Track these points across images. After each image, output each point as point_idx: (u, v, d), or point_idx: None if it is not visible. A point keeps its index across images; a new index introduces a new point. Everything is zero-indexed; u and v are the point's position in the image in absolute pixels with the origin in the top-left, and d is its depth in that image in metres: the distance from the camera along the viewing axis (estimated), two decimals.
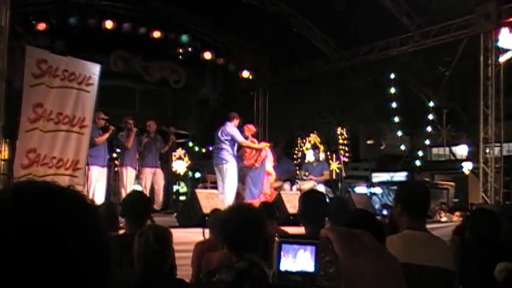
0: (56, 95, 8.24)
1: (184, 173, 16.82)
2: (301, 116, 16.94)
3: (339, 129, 17.80)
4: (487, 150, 11.31)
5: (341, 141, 17.71)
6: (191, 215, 8.15)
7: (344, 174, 13.09)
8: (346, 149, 17.71)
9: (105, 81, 9.85)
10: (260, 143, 10.82)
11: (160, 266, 3.14)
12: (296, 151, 17.70)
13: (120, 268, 3.14)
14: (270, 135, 16.63)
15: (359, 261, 0.79)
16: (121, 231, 4.56)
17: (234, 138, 9.94)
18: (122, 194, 9.80)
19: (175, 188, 16.25)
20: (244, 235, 2.87)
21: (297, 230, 5.92)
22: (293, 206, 8.87)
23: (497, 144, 11.22)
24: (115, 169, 11.91)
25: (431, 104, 16.93)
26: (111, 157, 11.30)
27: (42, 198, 0.82)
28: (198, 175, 15.86)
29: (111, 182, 11.35)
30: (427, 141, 18.44)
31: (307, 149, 16.59)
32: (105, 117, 10.03)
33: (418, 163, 18.74)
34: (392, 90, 16.48)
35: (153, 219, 5.43)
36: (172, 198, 15.27)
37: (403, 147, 18.81)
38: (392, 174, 19.11)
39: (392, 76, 16.17)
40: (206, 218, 6.53)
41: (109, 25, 13.08)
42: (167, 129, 11.56)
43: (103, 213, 4.06)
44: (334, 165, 15.14)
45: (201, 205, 8.02)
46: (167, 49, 15.28)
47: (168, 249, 3.22)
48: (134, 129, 10.50)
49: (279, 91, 16.18)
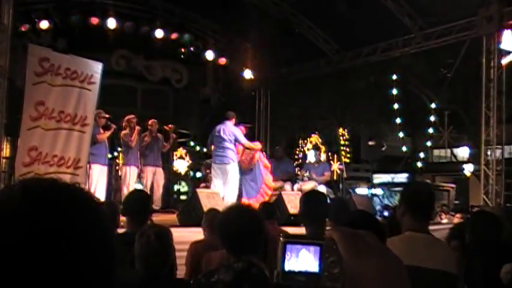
0: (58, 93, 8.24)
1: (185, 172, 16.83)
2: (302, 117, 16.95)
3: (340, 130, 17.80)
4: (489, 153, 11.29)
5: (342, 142, 17.71)
6: (192, 214, 8.15)
7: (345, 175, 13.08)
8: (348, 150, 17.70)
9: (106, 80, 9.86)
10: (254, 143, 10.86)
11: (162, 266, 3.14)
12: (297, 152, 17.69)
13: (121, 267, 3.14)
14: (271, 136, 16.64)
15: (363, 262, 0.79)
16: (121, 230, 4.56)
17: (237, 138, 9.92)
18: (125, 192, 9.80)
19: (176, 188, 16.28)
20: (242, 237, 2.85)
21: (297, 230, 5.92)
22: (294, 206, 8.87)
23: (499, 146, 11.21)
24: (116, 168, 11.92)
25: (432, 106, 16.94)
26: (112, 156, 11.31)
27: (50, 196, 0.82)
28: (199, 175, 15.86)
29: (112, 181, 11.37)
30: (429, 143, 18.44)
31: (308, 149, 16.60)
32: (106, 116, 10.04)
33: (419, 165, 18.75)
34: (394, 92, 16.48)
35: (152, 219, 5.42)
36: (173, 197, 15.30)
37: (405, 149, 18.81)
38: (393, 176, 19.14)
39: (394, 77, 16.17)
40: None
41: (111, 24, 13.08)
42: (167, 128, 11.56)
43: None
44: (335, 166, 15.14)
45: (202, 205, 8.02)
46: (169, 48, 15.27)
47: (169, 249, 3.21)
48: (137, 127, 10.50)
49: (280, 91, 16.18)
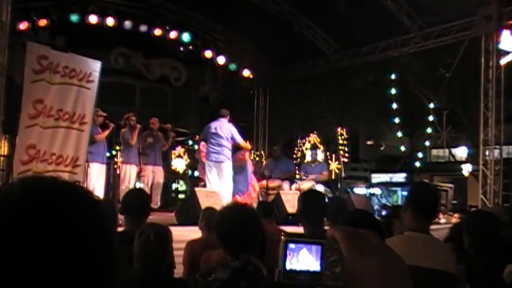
0: (57, 91, 8.23)
1: (184, 171, 16.83)
2: (301, 116, 16.94)
3: (339, 130, 17.80)
4: (487, 153, 11.30)
5: (341, 142, 17.71)
6: (190, 213, 8.15)
7: (343, 175, 13.08)
8: (346, 149, 17.70)
9: (105, 78, 9.85)
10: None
11: (160, 265, 3.13)
12: (296, 151, 17.69)
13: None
14: (270, 135, 16.64)
15: (365, 261, 0.79)
16: (120, 229, 4.56)
17: (233, 136, 9.91)
18: (123, 191, 9.79)
19: (174, 186, 16.28)
20: (239, 235, 2.85)
21: (295, 230, 5.92)
22: (292, 205, 8.87)
23: (497, 146, 11.22)
24: (114, 166, 11.91)
25: (431, 106, 16.94)
26: (111, 154, 11.30)
27: (50, 194, 0.81)
28: (197, 173, 15.86)
29: (110, 179, 11.36)
30: (427, 143, 18.45)
31: (307, 149, 16.60)
32: (103, 114, 10.03)
33: (418, 164, 18.76)
34: (393, 91, 16.49)
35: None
36: (172, 196, 15.30)
37: (403, 148, 18.83)
38: (391, 175, 19.15)
39: (392, 77, 16.18)
40: None
41: (110, 22, 13.06)
42: (165, 126, 11.55)
43: None
44: (334, 166, 15.14)
45: (200, 203, 8.02)
46: (168, 47, 15.26)
47: (168, 248, 3.21)
48: (138, 125, 10.48)
49: (279, 90, 16.18)
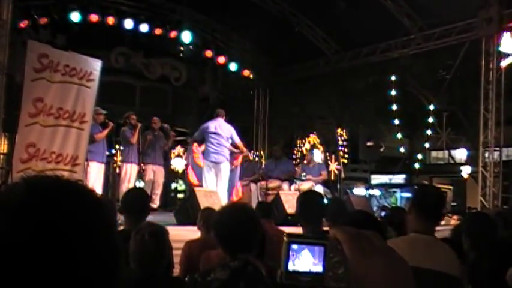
0: (57, 90, 8.22)
1: (183, 170, 16.81)
2: (301, 116, 16.94)
3: (339, 130, 17.80)
4: (487, 155, 11.31)
5: (340, 143, 17.71)
6: (189, 213, 8.15)
7: (343, 176, 13.08)
8: (346, 150, 17.70)
9: (105, 77, 9.83)
10: None
11: (156, 265, 3.12)
12: (295, 151, 17.69)
13: None
14: (270, 135, 16.64)
15: (368, 262, 0.79)
16: (119, 228, 4.55)
17: (232, 137, 9.89)
18: (123, 190, 9.77)
19: (173, 186, 16.26)
20: (238, 235, 2.85)
21: (294, 230, 5.91)
22: (291, 206, 8.87)
23: (497, 148, 11.23)
24: (113, 165, 11.90)
25: (431, 107, 16.95)
26: (110, 153, 11.28)
27: (54, 193, 0.82)
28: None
29: (109, 178, 11.34)
30: (427, 144, 18.45)
31: (307, 149, 16.60)
32: (103, 113, 10.02)
33: (417, 166, 18.76)
34: (393, 93, 16.50)
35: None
36: (171, 196, 15.28)
37: (403, 150, 18.82)
38: (391, 177, 19.13)
39: (393, 78, 16.18)
40: None
41: (111, 21, 13.07)
42: (165, 126, 11.53)
43: None
44: (333, 166, 15.14)
45: (199, 203, 8.02)
46: (168, 46, 15.27)
47: (164, 247, 3.19)
48: (139, 124, 10.47)
49: (279, 91, 16.18)
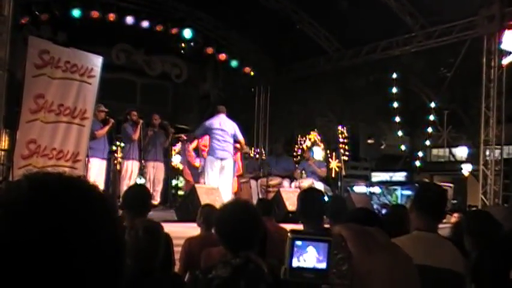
0: (58, 86, 8.22)
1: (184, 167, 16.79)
2: (301, 114, 16.93)
3: (340, 128, 17.79)
4: (487, 153, 11.31)
5: (341, 140, 17.71)
6: (190, 209, 8.15)
7: (344, 173, 13.07)
8: (346, 147, 17.70)
9: (106, 73, 9.82)
10: None
11: (151, 261, 3.12)
12: (296, 149, 17.69)
13: None
14: (270, 133, 16.63)
15: (373, 259, 0.78)
16: None
17: (236, 133, 9.84)
18: (124, 186, 9.77)
19: (174, 183, 16.25)
20: (240, 233, 2.85)
21: (295, 228, 5.91)
22: (292, 203, 8.88)
23: (498, 146, 11.22)
24: (114, 162, 11.90)
25: (432, 105, 16.94)
26: (111, 150, 11.29)
27: (58, 192, 0.81)
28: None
29: (110, 175, 11.35)
30: (427, 142, 18.44)
31: (307, 146, 16.59)
32: (105, 110, 10.02)
33: (418, 164, 18.76)
34: (394, 90, 16.49)
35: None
36: (171, 192, 15.27)
37: (403, 148, 18.82)
38: (391, 174, 19.12)
39: (394, 76, 16.16)
40: None
41: (112, 18, 13.06)
42: (165, 123, 11.52)
43: None
44: (334, 164, 15.13)
45: (200, 200, 8.02)
46: (169, 43, 15.26)
47: (158, 243, 3.18)
48: (140, 120, 10.47)
49: (280, 88, 16.17)
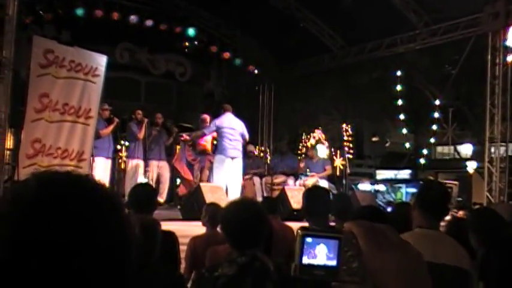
0: (62, 85, 8.25)
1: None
2: (305, 112, 16.92)
3: (344, 126, 17.78)
4: (492, 150, 11.28)
5: (346, 138, 17.69)
6: (195, 208, 8.16)
7: (348, 171, 13.06)
8: (351, 145, 17.68)
9: (110, 72, 9.84)
10: None
11: (146, 257, 3.11)
12: (300, 147, 17.68)
13: None
14: (275, 131, 16.63)
15: (384, 256, 0.78)
16: None
17: (244, 132, 9.80)
18: (128, 185, 9.79)
19: (178, 181, 16.26)
20: (246, 231, 2.85)
21: (301, 226, 5.91)
22: (297, 201, 8.88)
23: (503, 143, 11.19)
24: (119, 161, 11.92)
25: (436, 102, 16.89)
26: (116, 149, 11.30)
27: (66, 190, 0.81)
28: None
29: (115, 174, 11.37)
30: (432, 140, 18.40)
31: (311, 144, 16.57)
32: (109, 109, 10.03)
33: (422, 161, 18.71)
34: (398, 88, 16.45)
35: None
36: (177, 191, 15.28)
37: (408, 145, 18.78)
38: (396, 172, 19.09)
39: (398, 73, 16.13)
40: None
41: (115, 16, 13.07)
42: (168, 123, 11.51)
43: None
44: (339, 162, 15.11)
45: (205, 198, 8.03)
46: (173, 42, 15.25)
47: (154, 240, 3.18)
48: (145, 119, 10.47)
49: (284, 86, 16.15)
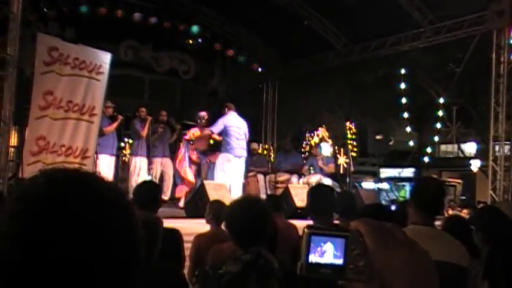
0: (67, 83, 8.26)
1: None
2: (309, 110, 16.91)
3: (348, 124, 17.76)
4: (497, 148, 11.26)
5: (349, 136, 17.67)
6: (199, 205, 8.17)
7: (352, 169, 13.05)
8: (355, 143, 17.66)
9: (114, 70, 9.84)
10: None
11: (148, 254, 3.11)
12: (304, 145, 17.68)
13: None
14: (278, 128, 16.62)
15: (391, 255, 0.78)
16: None
17: (246, 131, 9.84)
18: (132, 183, 9.79)
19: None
20: (250, 229, 2.86)
21: (304, 224, 5.92)
22: (301, 199, 8.88)
23: (507, 142, 11.17)
24: (123, 158, 11.92)
25: (441, 101, 16.86)
26: (119, 146, 11.31)
27: (75, 187, 0.81)
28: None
29: (119, 171, 11.38)
30: (436, 138, 18.37)
31: (315, 142, 16.57)
32: (113, 105, 10.03)
33: (426, 159, 18.68)
34: (402, 86, 16.42)
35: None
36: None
37: (412, 143, 18.75)
38: (400, 170, 19.06)
39: (402, 71, 16.10)
40: None
41: (119, 14, 13.08)
42: (171, 120, 11.46)
43: None
44: (342, 160, 15.10)
45: (209, 196, 8.04)
46: (177, 39, 15.26)
47: (155, 237, 3.19)
48: (148, 117, 10.47)
49: (288, 84, 16.14)
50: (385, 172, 18.84)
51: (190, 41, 15.32)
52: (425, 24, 12.45)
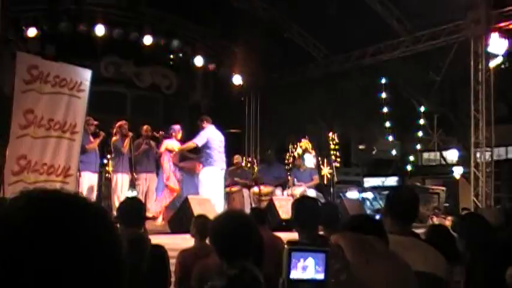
0: (47, 101, 8.19)
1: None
2: (292, 121, 16.96)
3: (330, 134, 17.83)
4: (478, 155, 11.37)
5: (332, 146, 17.74)
6: (183, 221, 8.11)
7: (336, 179, 13.08)
8: (338, 153, 17.73)
9: (96, 86, 9.79)
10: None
11: (133, 273, 3.09)
12: (287, 156, 17.70)
13: None
14: (261, 141, 16.64)
15: (371, 267, 0.78)
16: None
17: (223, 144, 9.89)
18: (115, 200, 9.70)
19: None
20: (235, 243, 2.85)
21: (289, 236, 5.91)
22: (285, 211, 8.86)
23: (488, 148, 11.29)
24: (106, 175, 11.80)
25: (422, 109, 17.03)
26: (102, 163, 11.19)
27: (57, 210, 0.80)
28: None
29: (102, 188, 11.26)
30: (418, 146, 18.53)
31: (299, 154, 16.60)
32: (95, 123, 9.95)
33: (409, 168, 18.82)
34: (384, 95, 16.56)
35: (145, 228, 5.36)
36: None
37: (394, 152, 18.88)
38: (383, 179, 19.17)
39: (383, 81, 16.25)
40: None
41: (100, 31, 13.03)
42: (158, 135, 11.40)
43: None
44: (326, 170, 15.15)
45: (193, 211, 7.99)
46: (158, 54, 15.25)
47: (142, 254, 3.17)
48: (129, 133, 10.37)
49: (270, 96, 16.20)
50: (369, 181, 18.94)
51: (172, 55, 15.32)
52: (405, 33, 12.59)
